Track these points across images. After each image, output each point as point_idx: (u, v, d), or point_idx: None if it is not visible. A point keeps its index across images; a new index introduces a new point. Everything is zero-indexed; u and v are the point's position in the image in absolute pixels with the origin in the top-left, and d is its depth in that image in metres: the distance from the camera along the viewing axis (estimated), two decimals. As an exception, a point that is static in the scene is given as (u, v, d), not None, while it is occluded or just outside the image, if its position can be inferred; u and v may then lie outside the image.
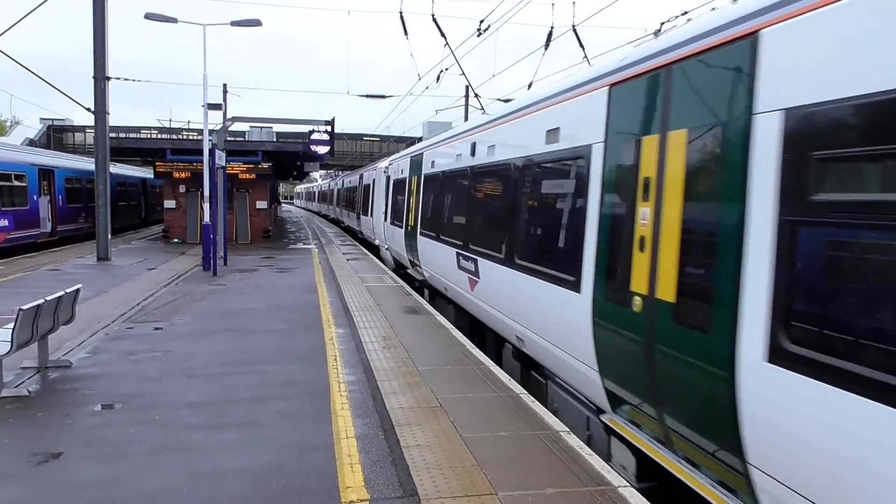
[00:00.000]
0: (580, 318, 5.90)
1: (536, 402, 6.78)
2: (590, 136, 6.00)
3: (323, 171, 76.25)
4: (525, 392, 7.14)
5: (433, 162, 13.37)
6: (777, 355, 3.50)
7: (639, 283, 4.93)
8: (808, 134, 3.39)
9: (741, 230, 3.81)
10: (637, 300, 4.92)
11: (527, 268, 7.42)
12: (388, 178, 19.75)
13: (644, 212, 4.92)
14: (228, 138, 24.42)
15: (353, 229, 33.69)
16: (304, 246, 26.57)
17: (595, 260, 5.73)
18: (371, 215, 24.22)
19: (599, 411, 6.02)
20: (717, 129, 4.13)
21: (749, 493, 3.92)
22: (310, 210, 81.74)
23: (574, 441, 5.73)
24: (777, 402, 3.51)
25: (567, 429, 6.04)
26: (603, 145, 5.73)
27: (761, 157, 3.69)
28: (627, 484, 4.92)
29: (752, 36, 3.85)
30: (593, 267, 5.75)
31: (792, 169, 3.47)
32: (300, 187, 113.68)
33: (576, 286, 6.04)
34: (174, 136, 42.34)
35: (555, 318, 6.63)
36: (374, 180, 24.01)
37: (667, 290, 4.54)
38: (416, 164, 15.37)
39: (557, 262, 6.63)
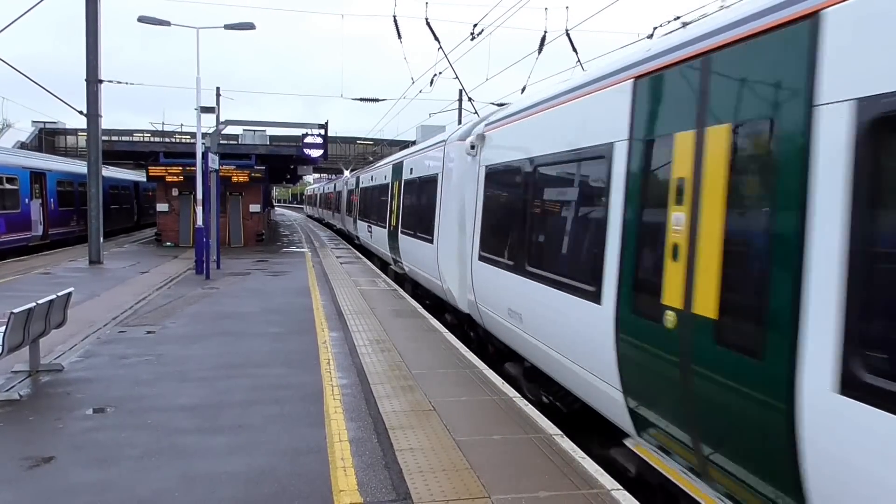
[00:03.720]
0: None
1: (530, 406, 6.79)
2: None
3: (318, 175, 75.47)
4: (518, 395, 7.15)
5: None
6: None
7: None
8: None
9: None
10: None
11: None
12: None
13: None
14: (221, 141, 24.39)
15: None
16: (298, 249, 26.53)
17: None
18: None
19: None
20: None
21: None
22: (328, 225, 48.15)
23: (567, 444, 5.75)
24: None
25: (560, 432, 6.06)
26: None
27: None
28: (620, 487, 4.93)
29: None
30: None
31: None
32: (313, 187, 78.65)
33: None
34: (167, 140, 42.20)
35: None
36: None
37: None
38: None
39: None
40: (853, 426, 3.07)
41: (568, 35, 15.20)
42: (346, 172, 42.22)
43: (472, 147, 9.71)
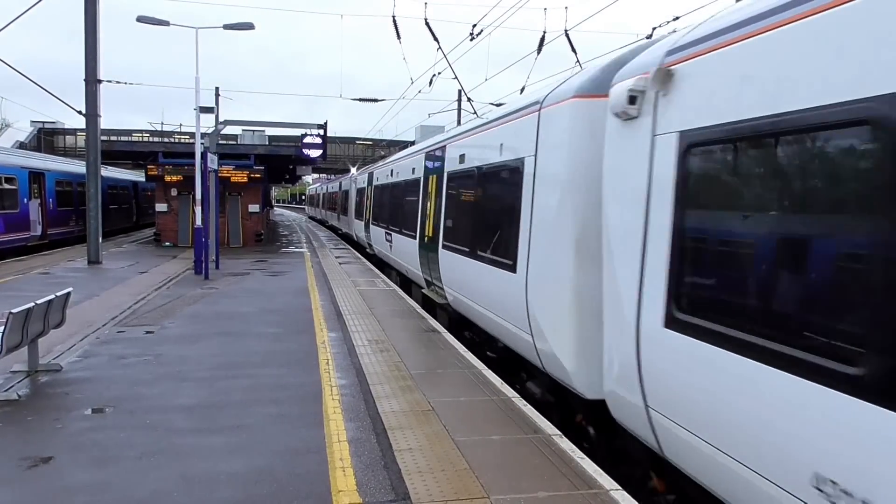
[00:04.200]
0: None
1: (528, 406, 6.79)
2: None
3: (317, 175, 75.42)
4: (517, 395, 7.15)
5: None
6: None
7: None
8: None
9: None
10: None
11: None
12: None
13: None
14: (220, 142, 24.37)
15: None
16: (297, 249, 26.53)
17: None
18: None
19: None
20: None
21: None
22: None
23: (566, 445, 5.75)
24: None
25: (559, 432, 6.06)
26: None
27: None
28: (619, 487, 4.93)
29: None
30: None
31: None
32: (314, 187, 70.41)
33: None
34: (166, 140, 42.19)
35: None
36: None
37: None
38: None
39: None
40: None
41: (567, 35, 15.18)
42: (354, 170, 38.43)
43: (632, 101, 5.00)
